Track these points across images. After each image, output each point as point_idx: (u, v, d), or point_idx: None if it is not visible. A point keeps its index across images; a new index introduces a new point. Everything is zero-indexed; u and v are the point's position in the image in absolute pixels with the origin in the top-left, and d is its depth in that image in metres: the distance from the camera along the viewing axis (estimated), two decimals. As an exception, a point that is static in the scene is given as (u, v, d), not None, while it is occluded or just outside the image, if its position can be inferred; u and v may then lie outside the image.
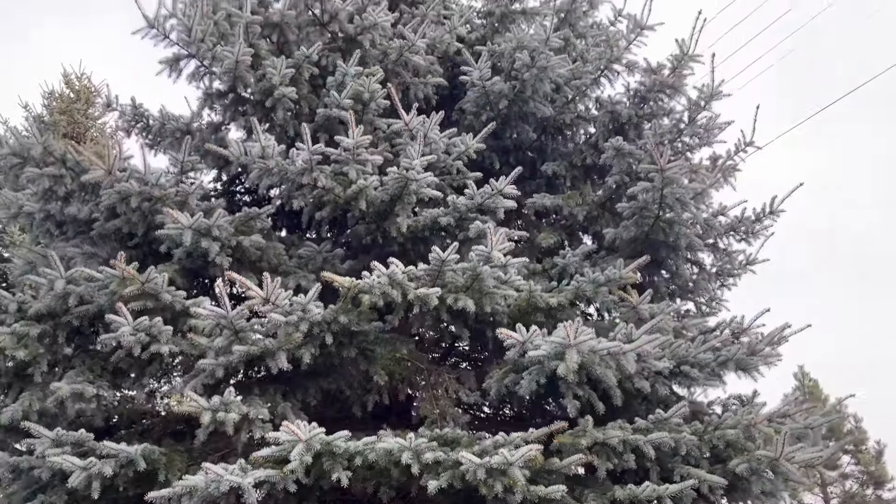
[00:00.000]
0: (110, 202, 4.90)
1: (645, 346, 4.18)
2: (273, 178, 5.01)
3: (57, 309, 4.74)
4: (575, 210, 5.82)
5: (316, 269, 5.37)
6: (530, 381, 4.22)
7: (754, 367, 4.83)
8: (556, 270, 5.39)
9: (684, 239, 5.23)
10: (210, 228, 4.73)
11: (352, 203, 5.05)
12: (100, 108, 15.21)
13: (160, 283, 4.52)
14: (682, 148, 5.81)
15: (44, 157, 5.02)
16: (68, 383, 4.47)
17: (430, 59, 6.30)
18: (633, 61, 6.29)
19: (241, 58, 5.13)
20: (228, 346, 4.33)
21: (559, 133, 6.65)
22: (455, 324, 4.82)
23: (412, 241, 5.37)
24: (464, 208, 5.10)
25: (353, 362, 4.72)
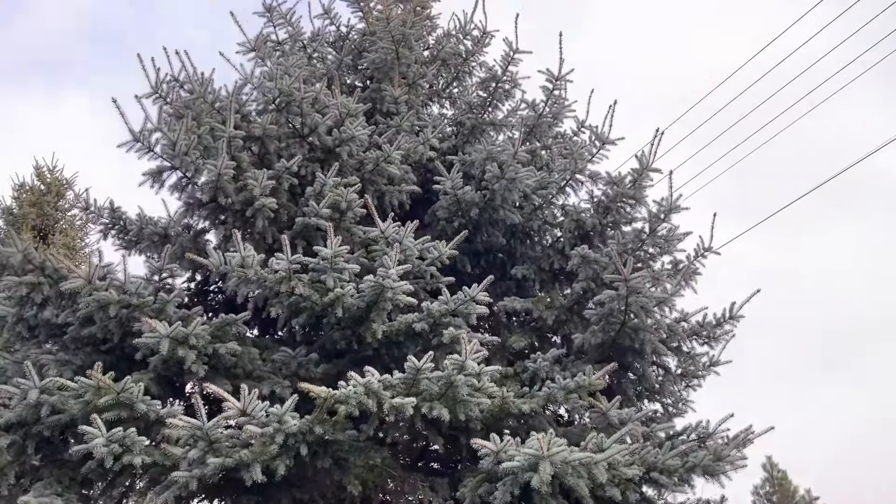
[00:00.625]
0: (88, 311, 4.95)
1: (615, 455, 4.28)
2: (251, 286, 5.12)
3: (28, 419, 4.69)
4: (544, 314, 6.00)
5: (290, 375, 5.42)
6: (504, 493, 4.27)
7: (721, 472, 4.94)
8: (528, 374, 5.52)
9: (649, 345, 5.43)
10: (187, 337, 4.79)
11: (328, 310, 5.17)
12: (70, 201, 15.29)
13: (135, 393, 4.53)
14: (645, 256, 6.09)
15: (23, 265, 5.08)
16: (36, 496, 4.41)
17: (405, 167, 6.59)
18: (596, 172, 6.67)
19: (224, 171, 5.33)
20: (203, 458, 4.32)
21: (527, 237, 6.92)
22: (429, 431, 4.88)
23: (386, 346, 5.46)
24: (438, 314, 5.24)
25: (326, 472, 4.73)
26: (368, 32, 7.74)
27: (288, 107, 6.08)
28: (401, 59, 7.39)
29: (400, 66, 7.44)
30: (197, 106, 5.99)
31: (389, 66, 7.40)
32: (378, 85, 7.42)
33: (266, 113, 6.08)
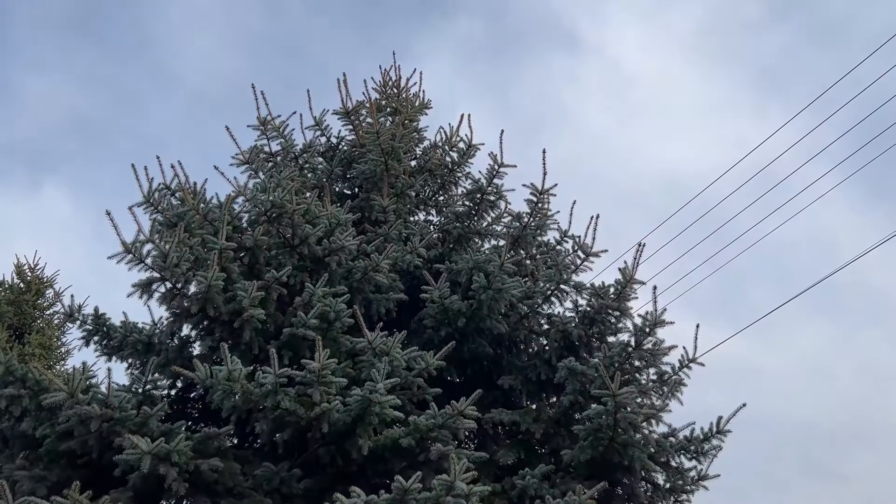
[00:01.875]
0: (69, 425, 4.85)
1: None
2: (236, 399, 5.06)
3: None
4: (532, 427, 5.96)
5: (272, 491, 5.28)
6: None
7: None
8: (516, 492, 5.43)
9: (639, 461, 5.38)
10: (170, 454, 4.68)
11: (313, 424, 5.10)
12: (49, 299, 15.13)
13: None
14: (631, 369, 6.12)
15: (4, 378, 5.00)
16: None
17: (393, 276, 6.66)
18: (581, 283, 6.80)
19: (214, 283, 5.36)
20: (180, 585, 4.15)
21: (514, 346, 6.95)
22: None
23: (372, 462, 5.36)
24: (425, 428, 5.19)
25: None
26: (358, 144, 8.00)
27: (279, 218, 6.20)
28: (389, 170, 7.61)
29: (388, 177, 7.65)
30: (189, 217, 6.09)
31: (378, 176, 7.61)
32: (367, 194, 7.60)
33: (258, 224, 6.18)
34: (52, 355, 13.89)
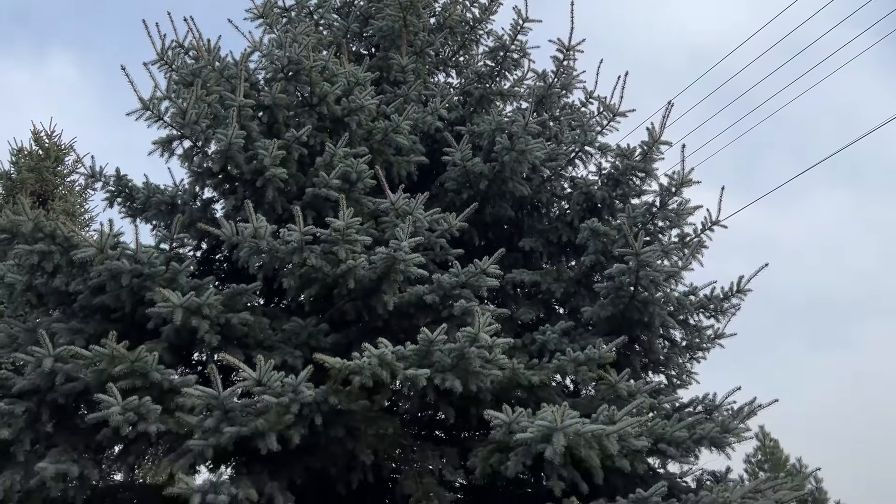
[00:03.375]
0: (100, 280, 4.95)
1: (626, 428, 4.34)
2: (263, 256, 5.12)
3: (42, 386, 4.72)
4: (552, 286, 6.03)
5: (300, 344, 5.45)
6: (517, 463, 4.33)
7: (727, 444, 5.02)
8: (536, 346, 5.57)
9: (658, 318, 5.47)
10: (200, 307, 4.80)
11: (339, 281, 5.18)
12: (69, 166, 15.18)
13: (150, 362, 4.56)
14: (654, 230, 6.11)
15: (33, 233, 5.06)
16: (52, 462, 4.43)
17: (413, 137, 6.55)
18: (606, 144, 6.64)
19: (234, 140, 5.29)
20: (218, 427, 4.36)
21: (536, 210, 6.92)
22: (440, 402, 4.92)
23: (397, 317, 5.49)
24: (448, 286, 5.26)
25: (339, 441, 4.78)
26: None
27: (297, 75, 6.02)
28: (408, 27, 7.31)
29: (407, 34, 7.36)
30: (205, 74, 5.93)
31: (396, 33, 7.32)
32: (385, 53, 7.34)
33: (275, 81, 6.01)
34: (77, 222, 14.08)
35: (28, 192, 13.89)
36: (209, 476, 4.33)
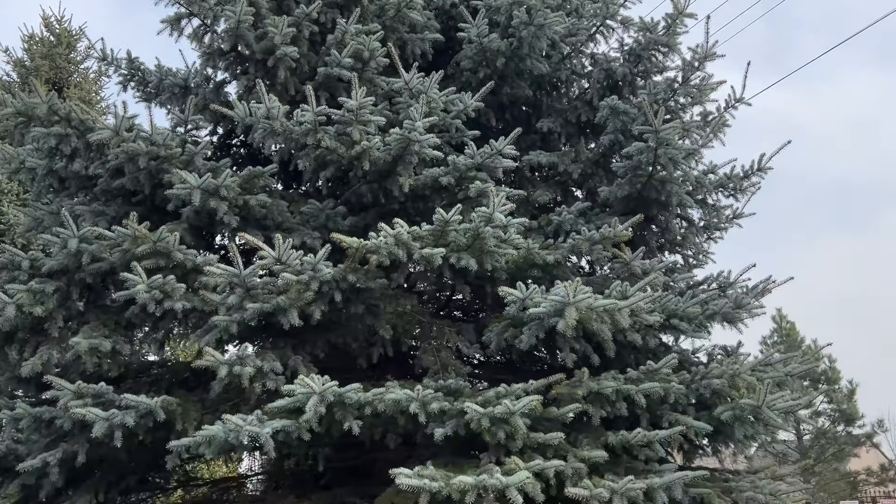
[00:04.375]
0: (118, 162, 4.99)
1: (638, 303, 4.41)
2: (277, 138, 5.11)
3: (70, 266, 4.87)
4: (570, 167, 5.98)
5: (319, 227, 5.52)
6: (530, 336, 4.46)
7: (739, 320, 5.11)
8: (552, 227, 5.59)
9: (675, 197, 5.43)
10: (218, 188, 4.85)
11: (354, 163, 5.17)
12: (81, 53, 14.96)
13: (172, 242, 4.66)
14: (675, 107, 5.96)
15: (49, 116, 5.07)
16: (85, 338, 4.65)
17: (427, 13, 6.33)
18: (628, 18, 6.38)
19: (243, 17, 5.16)
20: (241, 304, 4.51)
21: (554, 89, 6.76)
22: (456, 280, 5.01)
23: (413, 199, 5.51)
24: (464, 168, 5.24)
25: (359, 317, 4.92)
26: None
27: (305, -53, 5.77)
28: None
29: None
30: (211, -53, 5.69)
31: None
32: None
33: (283, -46, 5.77)
34: (93, 110, 14.02)
35: (43, 80, 13.78)
36: (235, 350, 4.50)
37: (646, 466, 4.43)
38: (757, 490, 4.57)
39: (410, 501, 4.09)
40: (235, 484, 6.82)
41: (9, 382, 5.44)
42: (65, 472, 4.79)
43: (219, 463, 8.70)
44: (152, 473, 6.15)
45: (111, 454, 4.91)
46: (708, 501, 4.42)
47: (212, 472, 8.08)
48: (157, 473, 6.24)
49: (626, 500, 3.97)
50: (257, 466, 8.07)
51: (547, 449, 4.23)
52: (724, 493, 4.56)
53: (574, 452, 4.27)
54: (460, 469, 4.03)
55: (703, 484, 4.58)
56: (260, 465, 7.68)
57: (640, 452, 4.41)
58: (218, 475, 7.34)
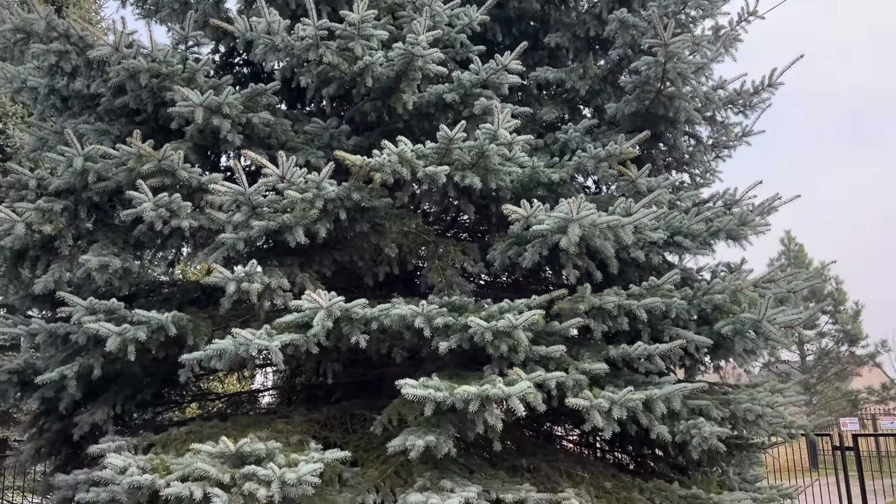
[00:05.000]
0: (119, 80, 4.95)
1: (642, 219, 4.42)
2: (279, 53, 5.03)
3: (76, 185, 4.90)
4: (577, 84, 5.87)
5: (323, 146, 5.50)
6: (533, 253, 4.49)
7: (744, 237, 5.11)
8: (558, 146, 5.54)
9: (684, 113, 5.36)
10: (220, 106, 4.81)
11: (357, 79, 5.11)
12: (79, -30, 14.57)
13: (176, 161, 4.67)
14: (686, 20, 5.80)
15: (47, 33, 4.99)
16: (95, 256, 4.72)
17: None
18: (640, -75, 6.13)
19: (241, -73, 4.99)
20: (247, 221, 4.55)
21: (563, 2, 6.58)
22: (461, 199, 5.02)
23: (417, 118, 5.46)
24: (469, 84, 5.17)
25: (364, 236, 4.96)
26: None
27: None
28: None
29: None
30: None
31: None
32: None
33: None
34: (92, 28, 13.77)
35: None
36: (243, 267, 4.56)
37: (646, 379, 4.54)
38: (755, 402, 4.68)
39: (416, 411, 4.24)
40: (248, 398, 7.03)
41: (23, 301, 5.57)
42: (82, 386, 4.96)
43: (232, 381, 8.96)
44: (167, 389, 6.35)
45: (126, 369, 5.06)
46: (706, 412, 4.53)
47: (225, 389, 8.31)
48: (171, 390, 6.44)
49: (625, 410, 4.09)
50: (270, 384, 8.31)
51: (549, 362, 4.32)
52: (722, 405, 4.67)
53: (575, 365, 4.36)
54: (464, 380, 4.14)
55: (701, 396, 4.70)
56: (273, 382, 7.90)
57: (641, 366, 4.51)
58: (231, 392, 7.56)
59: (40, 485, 5.82)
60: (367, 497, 4.27)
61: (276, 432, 4.62)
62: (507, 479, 4.49)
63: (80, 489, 4.36)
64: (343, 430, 5.22)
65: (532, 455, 5.18)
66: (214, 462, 3.88)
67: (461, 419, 4.13)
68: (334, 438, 4.97)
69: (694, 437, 4.34)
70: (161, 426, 5.51)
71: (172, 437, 4.73)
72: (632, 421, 4.29)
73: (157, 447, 4.59)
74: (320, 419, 5.23)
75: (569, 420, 6.62)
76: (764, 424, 4.76)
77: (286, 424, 4.92)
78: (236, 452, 3.91)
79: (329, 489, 4.25)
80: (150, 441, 4.67)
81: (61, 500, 5.13)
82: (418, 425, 4.20)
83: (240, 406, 6.87)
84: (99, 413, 5.09)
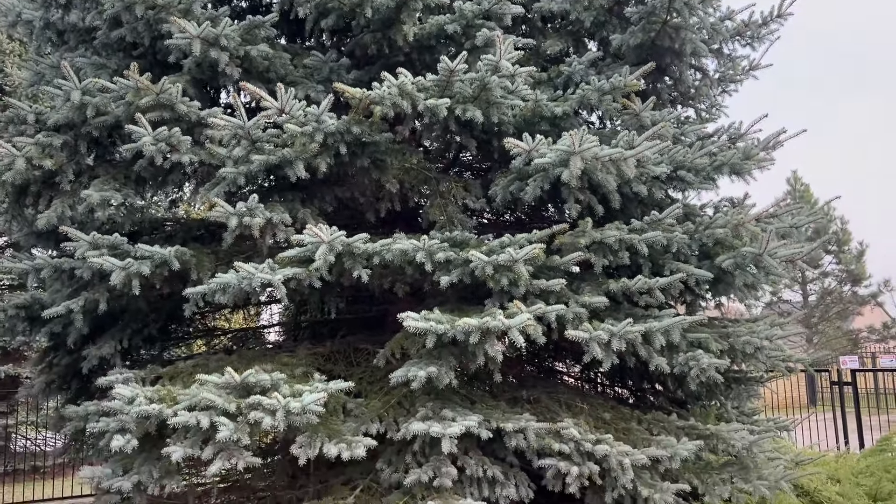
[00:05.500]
0: (114, 11, 4.86)
1: (645, 152, 4.38)
2: (275, -17, 4.91)
3: (75, 120, 4.87)
4: (582, 15, 5.73)
5: (323, 80, 5.42)
6: (535, 188, 4.47)
7: (748, 171, 5.08)
8: (562, 79, 5.45)
9: (690, 45, 5.25)
10: (218, 38, 4.73)
11: (357, 10, 5.01)
12: None
13: (174, 94, 4.62)
14: (695, -52, 5.61)
15: (39, -37, 4.89)
16: (96, 191, 4.73)
17: None
18: None
19: None
20: (247, 156, 4.52)
21: (567, -69, 6.35)
22: (462, 134, 4.97)
23: (418, 51, 5.37)
24: (470, 15, 5.06)
25: (365, 171, 4.94)
26: None
27: None
28: None
29: None
30: None
31: None
32: None
33: None
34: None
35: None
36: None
37: (645, 313, 4.58)
38: (754, 335, 4.72)
39: (418, 344, 4.30)
40: (254, 335, 7.13)
41: (28, 239, 5.60)
42: (89, 321, 5.03)
43: (238, 320, 9.07)
44: (173, 326, 6.44)
45: (132, 304, 5.13)
46: (705, 345, 4.59)
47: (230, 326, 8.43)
48: (178, 326, 6.53)
49: (624, 342, 4.14)
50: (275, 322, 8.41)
51: (549, 295, 4.36)
52: (721, 338, 4.72)
53: (575, 299, 4.40)
54: (466, 314, 4.19)
55: (700, 329, 4.75)
56: (278, 319, 8.00)
57: (641, 299, 4.54)
58: (237, 328, 7.67)
59: (53, 419, 5.95)
60: (371, 426, 4.36)
61: (281, 365, 4.70)
62: (507, 410, 4.58)
63: (91, 420, 4.47)
64: (347, 363, 5.31)
65: (532, 388, 5.27)
66: (220, 392, 3.96)
67: (462, 351, 4.19)
68: (338, 371, 5.06)
69: (692, 368, 4.40)
70: (168, 361, 5.62)
71: (179, 369, 4.82)
72: (631, 353, 4.35)
73: (165, 379, 4.69)
74: (324, 353, 5.31)
75: (570, 356, 6.72)
76: (762, 357, 4.82)
77: (291, 358, 5.00)
78: (241, 383, 3.98)
79: (333, 419, 4.34)
80: (158, 374, 4.76)
81: (73, 432, 5.28)
82: (420, 358, 4.26)
83: (245, 342, 6.97)
84: (106, 347, 5.17)
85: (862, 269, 22.34)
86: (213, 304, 5.87)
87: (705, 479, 4.66)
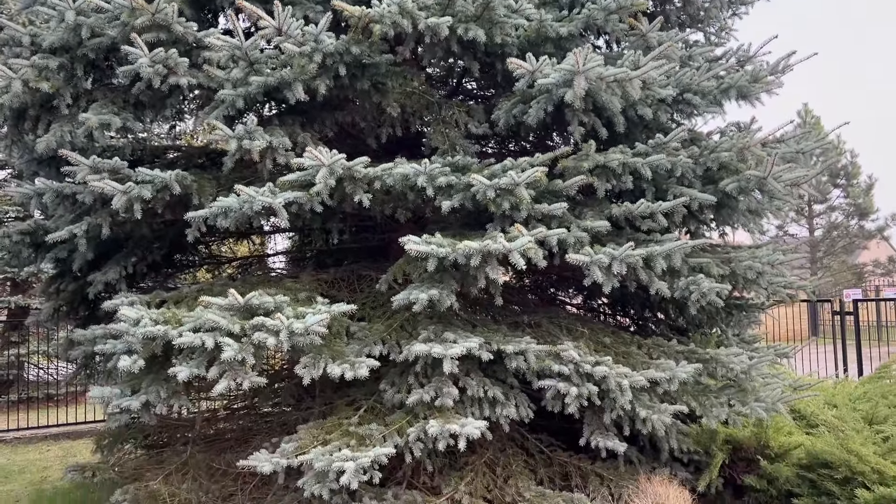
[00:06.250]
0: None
1: (650, 73, 4.29)
2: None
3: (71, 42, 4.77)
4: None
5: (321, 0, 5.28)
6: (538, 110, 4.40)
7: (755, 95, 4.98)
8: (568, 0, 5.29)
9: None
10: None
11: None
12: None
13: (170, 14, 4.51)
14: None
15: None
16: (95, 115, 4.67)
17: None
18: None
19: None
20: (245, 78, 4.45)
21: None
22: (465, 56, 4.86)
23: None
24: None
25: (366, 95, 4.86)
26: None
27: None
28: None
29: None
30: None
31: None
32: None
33: None
34: None
35: None
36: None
37: (647, 237, 4.57)
38: (756, 260, 4.72)
39: (420, 269, 4.31)
40: (258, 263, 7.17)
41: (29, 165, 5.58)
42: (93, 247, 5.05)
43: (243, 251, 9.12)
44: (177, 254, 6.47)
45: (135, 231, 5.15)
46: (706, 270, 4.59)
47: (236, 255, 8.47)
48: (181, 254, 6.57)
49: (625, 266, 4.14)
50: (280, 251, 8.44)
51: (551, 220, 4.34)
52: (723, 263, 4.72)
53: (577, 223, 4.38)
54: (467, 238, 4.18)
55: (702, 254, 4.75)
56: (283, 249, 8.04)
57: (643, 224, 4.52)
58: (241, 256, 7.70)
59: (63, 345, 6.06)
60: (374, 348, 4.43)
61: (285, 289, 4.73)
62: (508, 333, 4.62)
63: (99, 343, 4.54)
64: (350, 289, 5.35)
65: (534, 314, 5.31)
66: (224, 314, 4.00)
67: (464, 275, 4.21)
68: (342, 297, 5.10)
69: (693, 293, 4.41)
70: (173, 288, 5.66)
71: (184, 294, 4.86)
72: (632, 278, 4.36)
73: (169, 303, 4.73)
74: (328, 279, 5.34)
75: (572, 286, 6.75)
76: (764, 283, 4.83)
77: (295, 283, 5.03)
78: (245, 305, 4.02)
79: (337, 341, 4.40)
80: (163, 298, 4.81)
81: (83, 357, 5.38)
82: (422, 282, 4.28)
83: (250, 271, 7.02)
84: (111, 272, 5.21)
85: (870, 203, 22.19)
86: (217, 232, 5.90)
87: (703, 402, 4.73)
